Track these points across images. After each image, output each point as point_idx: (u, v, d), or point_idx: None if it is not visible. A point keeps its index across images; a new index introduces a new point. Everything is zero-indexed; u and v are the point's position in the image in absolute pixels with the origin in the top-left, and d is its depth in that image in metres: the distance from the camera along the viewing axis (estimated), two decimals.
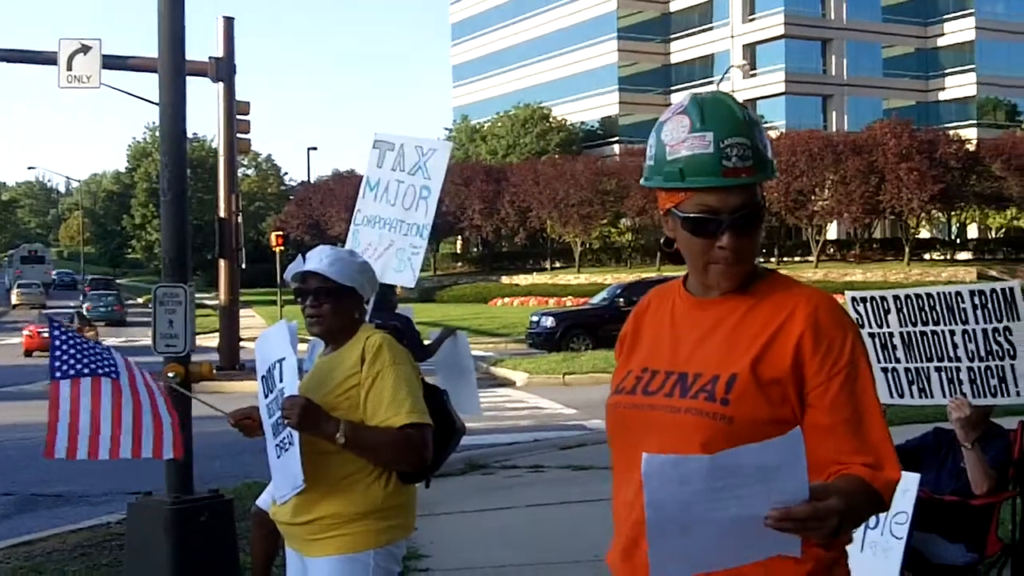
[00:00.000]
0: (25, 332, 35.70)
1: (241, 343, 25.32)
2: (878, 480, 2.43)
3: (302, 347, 6.79)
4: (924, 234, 71.55)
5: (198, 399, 5.72)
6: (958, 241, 72.36)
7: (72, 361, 5.24)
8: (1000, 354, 5.78)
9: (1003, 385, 5.78)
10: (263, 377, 4.28)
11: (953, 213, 68.77)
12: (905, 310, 5.99)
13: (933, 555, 5.61)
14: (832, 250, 69.83)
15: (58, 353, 5.24)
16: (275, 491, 4.27)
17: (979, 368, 5.82)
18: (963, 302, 5.83)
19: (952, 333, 5.88)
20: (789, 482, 2.12)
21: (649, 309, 2.75)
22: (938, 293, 5.93)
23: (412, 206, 7.30)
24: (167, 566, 6.58)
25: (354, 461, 4.03)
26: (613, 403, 2.65)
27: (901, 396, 6.12)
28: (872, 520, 5.24)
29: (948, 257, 69.42)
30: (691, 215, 2.49)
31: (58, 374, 5.19)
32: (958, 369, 5.88)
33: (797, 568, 2.37)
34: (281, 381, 4.13)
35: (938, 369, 5.95)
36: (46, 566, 8.19)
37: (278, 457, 4.17)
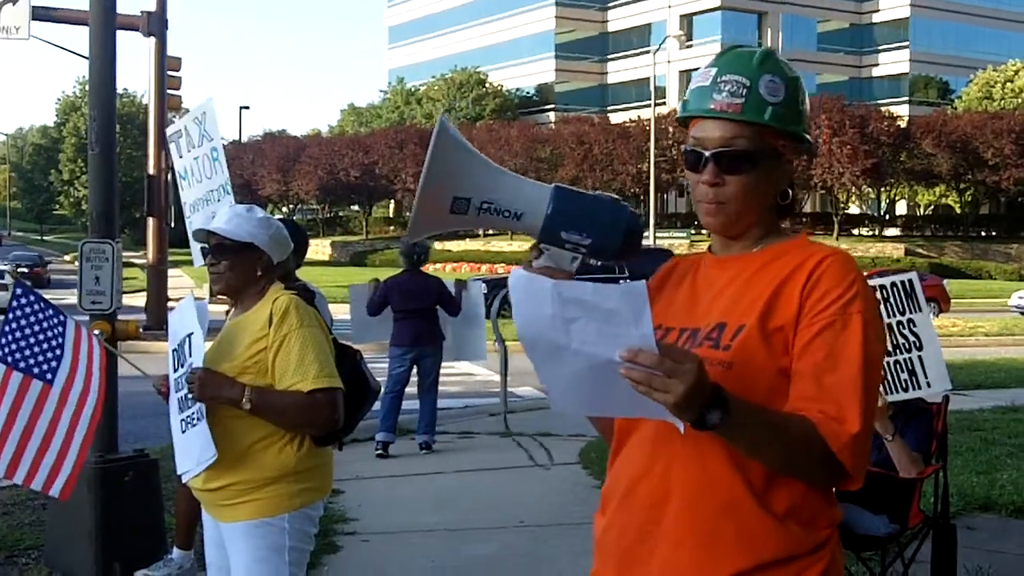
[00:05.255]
0: None
1: (169, 303, 25.04)
2: (828, 428, 2.26)
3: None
4: (854, 209, 72.38)
5: (123, 357, 5.66)
6: (887, 217, 73.27)
7: (14, 347, 5.06)
8: (907, 347, 5.87)
9: (913, 378, 5.86)
10: (174, 351, 4.24)
11: (883, 189, 69.58)
12: None
13: (856, 526, 5.67)
14: None
15: (7, 329, 5.06)
16: (178, 466, 4.21)
17: (890, 363, 5.90)
18: None
19: None
20: (634, 334, 2.04)
21: (675, 270, 2.74)
22: None
23: (211, 173, 7.24)
24: (91, 525, 6.51)
25: (264, 426, 4.01)
26: None
27: None
28: None
29: (877, 233, 70.30)
30: (686, 147, 2.53)
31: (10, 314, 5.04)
32: None
33: (770, 543, 2.34)
34: (190, 356, 4.09)
35: None
36: None
37: (183, 432, 4.13)
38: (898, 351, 5.89)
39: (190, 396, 3.99)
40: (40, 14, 22.72)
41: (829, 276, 2.39)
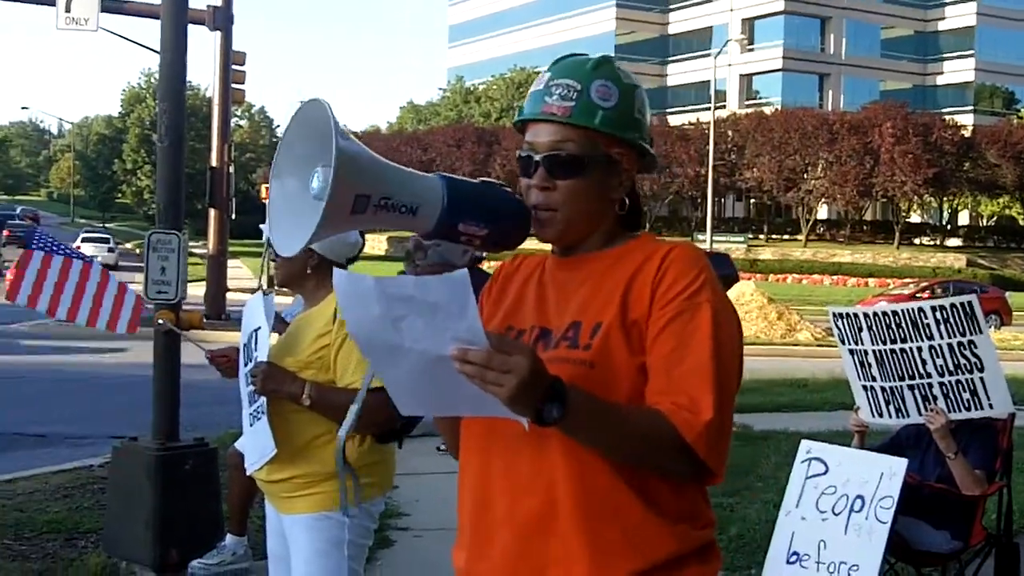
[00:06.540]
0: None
1: (228, 293, 25.27)
2: (680, 417, 2.20)
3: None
4: (915, 218, 71.71)
5: (186, 336, 5.80)
6: (949, 227, 72.50)
7: (49, 243, 5.65)
8: (968, 367, 5.76)
9: (975, 399, 5.77)
10: (244, 346, 4.31)
11: (945, 199, 68.90)
12: (875, 328, 5.98)
13: (917, 541, 5.61)
14: (822, 230, 69.87)
15: (36, 248, 5.61)
16: (246, 459, 4.28)
17: (951, 383, 5.80)
18: (926, 318, 5.79)
19: (920, 349, 5.83)
20: (462, 326, 1.97)
21: (519, 269, 2.70)
22: (903, 310, 5.90)
23: None
24: (150, 512, 6.56)
25: (326, 421, 4.04)
26: None
27: (880, 415, 6.09)
28: (857, 503, 5.25)
29: (938, 243, 69.55)
30: (519, 153, 2.49)
31: (33, 244, 5.56)
32: (930, 385, 5.85)
33: (660, 543, 2.30)
34: (257, 350, 4.16)
35: (911, 387, 5.91)
36: (28, 505, 8.14)
37: (251, 426, 4.20)
38: (959, 371, 5.79)
39: (255, 390, 4.03)
40: (110, 6, 23.00)
41: (676, 267, 2.34)
